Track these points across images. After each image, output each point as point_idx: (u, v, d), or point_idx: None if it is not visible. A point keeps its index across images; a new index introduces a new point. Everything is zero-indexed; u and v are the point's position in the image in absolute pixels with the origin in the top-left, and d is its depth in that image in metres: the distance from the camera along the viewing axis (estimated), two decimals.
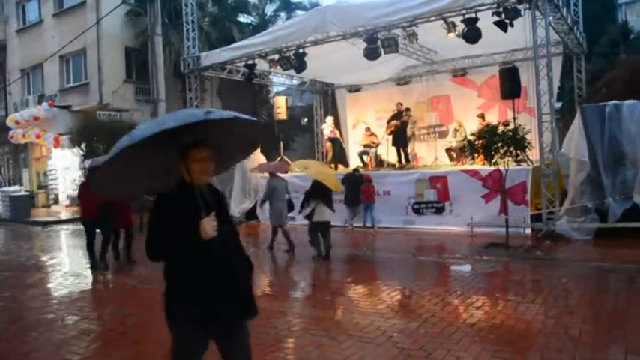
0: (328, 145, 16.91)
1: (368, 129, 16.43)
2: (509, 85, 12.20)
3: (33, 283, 8.55)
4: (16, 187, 21.72)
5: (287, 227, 10.27)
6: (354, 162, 17.03)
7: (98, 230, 9.57)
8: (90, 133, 15.64)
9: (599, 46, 19.49)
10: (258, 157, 15.88)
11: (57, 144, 19.95)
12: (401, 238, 11.53)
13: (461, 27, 11.49)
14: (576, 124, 10.09)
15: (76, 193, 22.08)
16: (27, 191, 21.55)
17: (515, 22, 10.82)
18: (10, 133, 21.69)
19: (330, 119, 17.00)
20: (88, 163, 9.75)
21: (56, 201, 23.24)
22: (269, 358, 4.71)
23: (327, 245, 9.23)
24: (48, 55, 20.33)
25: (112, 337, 5.44)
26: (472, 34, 11.29)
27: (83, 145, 15.57)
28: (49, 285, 8.38)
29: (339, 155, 16.70)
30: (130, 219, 9.70)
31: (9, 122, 21.42)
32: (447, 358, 4.47)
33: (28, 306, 6.99)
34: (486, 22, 10.91)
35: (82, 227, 9.64)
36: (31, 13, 23.87)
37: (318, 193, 8.91)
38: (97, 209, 8.89)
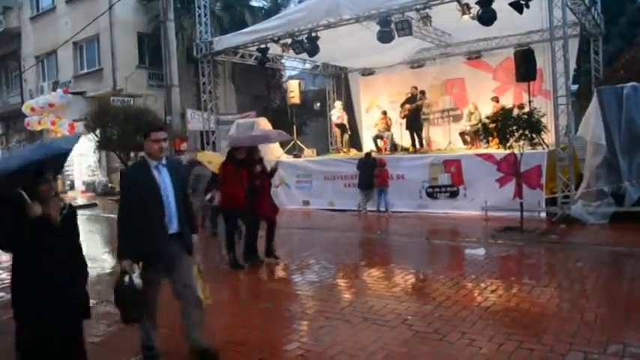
0: (336, 130, 16.94)
1: (384, 112, 16.33)
2: (525, 68, 12.04)
3: None
4: None
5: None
6: (368, 146, 17.01)
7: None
8: (104, 119, 15.74)
9: (618, 27, 19.11)
10: (272, 145, 15.90)
11: (72, 130, 20.13)
12: (414, 222, 11.52)
13: (475, 9, 11.32)
14: (593, 106, 9.95)
15: (92, 179, 22.52)
16: None
17: (530, 3, 10.63)
18: (26, 119, 21.91)
19: (339, 104, 16.96)
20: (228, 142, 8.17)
21: (72, 187, 23.55)
22: (284, 341, 4.76)
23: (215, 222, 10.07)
24: (61, 42, 20.44)
25: None
26: (487, 16, 11.13)
27: (98, 131, 15.67)
28: None
29: (348, 140, 16.69)
30: (275, 205, 8.47)
31: (24, 109, 21.64)
32: (461, 340, 4.49)
33: None
34: (501, 3, 10.74)
35: (96, 213, 9.66)
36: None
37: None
38: (245, 194, 7.60)
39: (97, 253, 9.86)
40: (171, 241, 4.13)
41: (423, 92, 14.99)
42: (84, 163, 23.16)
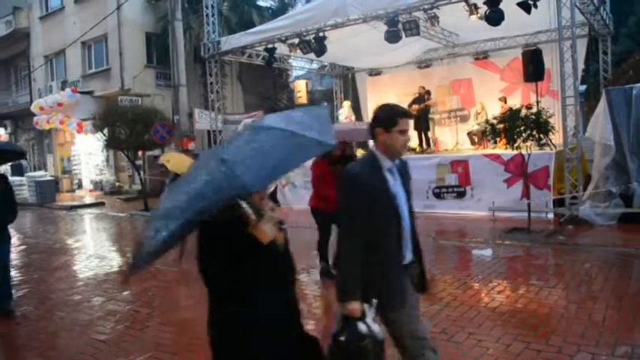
0: None
1: None
2: (533, 68, 12.02)
3: (59, 265, 8.75)
4: (42, 172, 22.14)
5: None
6: None
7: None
8: (112, 119, 15.78)
9: (627, 27, 19.01)
10: None
11: (80, 129, 20.26)
12: (421, 222, 11.40)
13: (483, 9, 11.31)
14: (601, 107, 9.89)
15: (99, 177, 22.62)
16: (52, 176, 21.93)
17: (539, 3, 10.61)
18: (35, 119, 22.05)
19: (346, 104, 16.97)
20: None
21: (80, 185, 23.67)
22: None
23: None
24: (70, 42, 20.54)
25: (137, 319, 5.55)
26: (495, 16, 11.11)
27: (105, 131, 15.73)
28: (75, 267, 8.56)
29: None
30: None
31: (33, 108, 21.77)
32: (468, 341, 4.49)
33: (55, 287, 7.16)
34: (509, 3, 10.71)
35: (104, 212, 9.39)
36: None
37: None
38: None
39: (105, 251, 9.92)
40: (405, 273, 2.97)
41: (428, 92, 14.96)
42: (92, 162, 23.28)
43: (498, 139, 10.22)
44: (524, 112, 9.21)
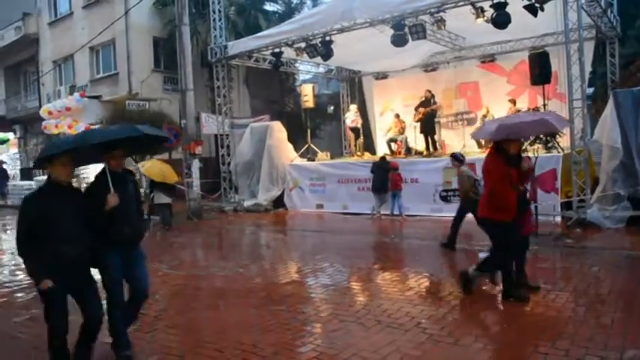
0: (350, 134, 16.99)
1: (397, 115, 16.29)
2: (540, 71, 11.99)
3: None
4: None
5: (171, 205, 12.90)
6: (382, 149, 17.00)
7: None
8: (120, 123, 15.90)
9: (635, 30, 18.88)
10: (285, 146, 16.00)
11: None
12: (428, 225, 11.48)
13: (490, 12, 11.30)
14: (609, 109, 9.87)
15: None
16: None
17: (545, 6, 10.59)
18: (43, 123, 22.14)
19: (353, 108, 16.99)
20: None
21: None
22: (298, 344, 4.78)
23: (167, 219, 12.69)
24: (78, 47, 20.70)
25: (144, 322, 5.56)
26: (501, 19, 11.09)
27: None
28: None
29: (362, 144, 16.71)
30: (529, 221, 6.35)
31: (42, 113, 21.88)
32: (475, 344, 4.48)
33: None
34: (516, 6, 10.71)
35: None
36: (62, 5, 24.31)
37: (154, 184, 12.41)
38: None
39: None
40: None
41: (433, 96, 14.97)
42: (99, 166, 23.38)
43: None
44: None
